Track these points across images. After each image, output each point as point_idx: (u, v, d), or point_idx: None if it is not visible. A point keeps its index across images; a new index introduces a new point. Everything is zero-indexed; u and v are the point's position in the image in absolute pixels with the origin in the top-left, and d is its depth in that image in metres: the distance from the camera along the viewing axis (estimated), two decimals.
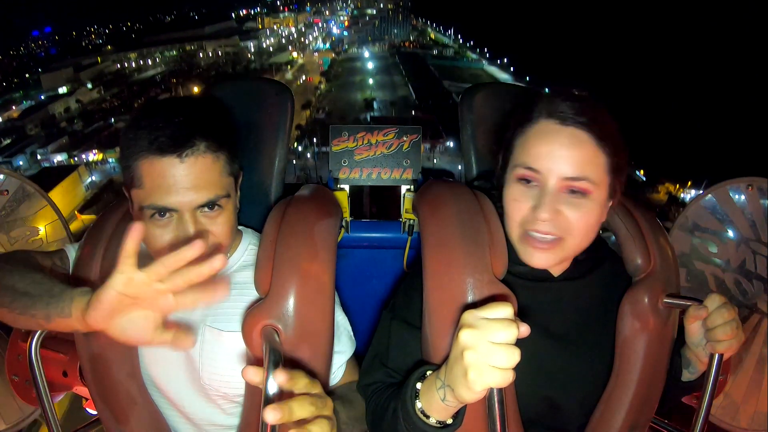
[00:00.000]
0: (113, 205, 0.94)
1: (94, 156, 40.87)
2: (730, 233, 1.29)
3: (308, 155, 41.49)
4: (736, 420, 1.26)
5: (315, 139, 42.18)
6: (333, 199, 0.97)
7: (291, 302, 0.75)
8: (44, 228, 1.31)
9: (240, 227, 0.94)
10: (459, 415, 0.65)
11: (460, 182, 0.92)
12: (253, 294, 0.82)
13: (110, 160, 40.45)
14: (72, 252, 0.90)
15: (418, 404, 0.65)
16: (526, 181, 0.76)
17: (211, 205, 0.76)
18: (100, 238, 0.87)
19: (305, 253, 0.78)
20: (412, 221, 1.17)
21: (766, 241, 1.26)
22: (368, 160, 1.21)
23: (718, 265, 1.31)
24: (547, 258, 0.78)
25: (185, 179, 0.72)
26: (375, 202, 1.65)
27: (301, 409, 0.56)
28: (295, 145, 41.58)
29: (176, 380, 0.86)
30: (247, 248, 0.92)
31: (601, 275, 0.87)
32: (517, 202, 0.77)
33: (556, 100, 0.76)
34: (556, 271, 0.84)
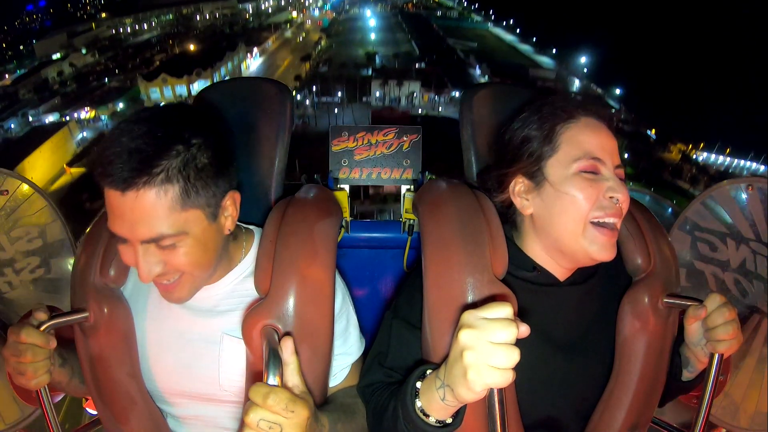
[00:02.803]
0: None
1: (86, 114, 39.76)
2: (730, 233, 1.29)
3: (307, 103, 41.08)
4: (736, 420, 1.26)
5: (315, 88, 41.81)
6: (333, 199, 0.97)
7: (291, 302, 0.75)
8: (44, 228, 1.31)
9: (252, 227, 0.93)
10: (459, 414, 0.65)
11: (460, 182, 0.92)
12: None
13: (102, 117, 39.60)
14: None
15: (418, 403, 0.65)
16: (589, 172, 0.78)
17: (158, 240, 0.71)
18: (99, 241, 0.87)
19: (305, 253, 0.78)
20: (412, 221, 1.17)
21: (766, 241, 1.26)
22: (368, 160, 1.21)
23: (718, 265, 1.31)
24: (613, 248, 0.79)
25: (129, 213, 0.69)
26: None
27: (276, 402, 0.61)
28: (294, 93, 40.93)
29: (195, 386, 0.86)
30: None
31: (602, 277, 0.87)
32: (586, 191, 0.77)
33: (584, 100, 0.81)
34: (562, 276, 0.84)
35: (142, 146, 0.67)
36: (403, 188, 1.21)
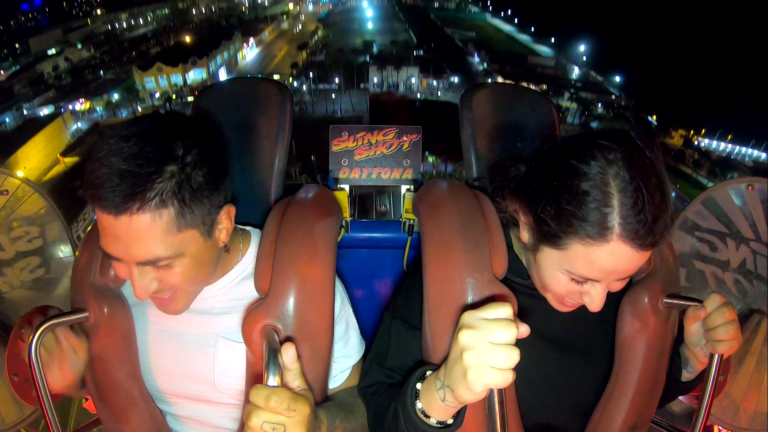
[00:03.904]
0: None
1: (81, 105, 39.50)
2: (730, 233, 1.29)
3: (304, 89, 41.15)
4: (736, 420, 1.26)
5: (312, 74, 41.82)
6: (333, 199, 0.97)
7: (291, 302, 0.75)
8: (44, 228, 1.31)
9: (248, 228, 0.93)
10: (459, 415, 0.65)
11: (460, 182, 0.92)
12: None
13: (98, 108, 39.41)
14: None
15: (419, 405, 0.65)
16: (577, 282, 0.71)
17: (154, 263, 0.70)
18: (99, 241, 0.86)
19: (305, 253, 0.78)
20: (412, 221, 1.17)
21: (766, 241, 1.26)
22: (368, 160, 1.21)
23: (718, 265, 1.31)
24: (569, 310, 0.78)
25: (123, 236, 0.67)
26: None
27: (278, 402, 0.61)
28: (291, 80, 41.21)
29: (191, 388, 0.87)
30: (254, 256, 0.87)
31: None
32: (561, 285, 0.73)
33: (639, 222, 0.62)
34: None
35: (133, 168, 0.64)
36: (403, 188, 1.21)
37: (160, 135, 0.68)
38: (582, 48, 55.85)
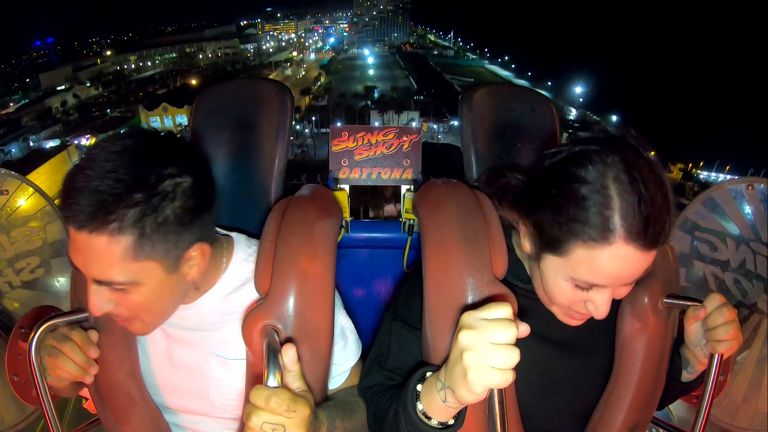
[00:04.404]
0: None
1: (87, 141, 39.63)
2: (730, 233, 1.29)
3: (306, 132, 42.28)
4: (736, 420, 1.26)
5: (314, 118, 42.79)
6: (333, 199, 0.97)
7: (291, 302, 0.75)
8: (44, 228, 1.31)
9: (232, 234, 0.89)
10: (460, 415, 0.65)
11: (460, 182, 0.92)
12: None
13: None
14: None
15: (419, 406, 0.65)
16: (582, 288, 0.70)
17: (108, 284, 0.69)
18: None
19: (305, 253, 0.78)
20: (412, 221, 1.17)
21: (766, 241, 1.26)
22: (368, 160, 1.21)
23: (718, 265, 1.31)
24: (582, 321, 0.76)
25: (83, 250, 0.66)
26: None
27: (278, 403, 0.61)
28: (293, 123, 41.59)
29: (188, 404, 0.87)
30: (239, 266, 0.85)
31: None
32: (564, 295, 0.72)
33: (641, 222, 0.62)
34: None
35: (102, 188, 0.62)
36: (403, 188, 1.21)
37: (141, 157, 0.65)
38: (578, 90, 57.45)
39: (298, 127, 42.51)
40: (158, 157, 0.67)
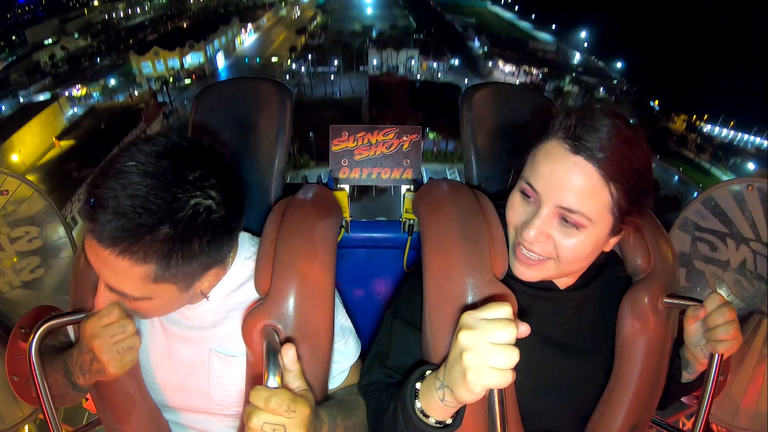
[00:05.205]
0: None
1: (77, 91, 38.75)
2: (730, 233, 1.29)
3: (302, 71, 40.75)
4: (736, 420, 1.26)
5: (310, 56, 41.37)
6: (333, 199, 0.97)
7: (291, 302, 0.75)
8: (44, 228, 1.31)
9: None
10: (458, 415, 0.65)
11: (460, 182, 0.92)
12: None
13: (94, 94, 38.97)
14: None
15: (418, 404, 0.65)
16: (526, 195, 0.75)
17: (122, 295, 0.69)
18: None
19: (305, 253, 0.78)
20: (412, 221, 1.17)
21: (766, 241, 1.26)
22: (368, 160, 1.21)
23: (718, 265, 1.31)
24: (530, 274, 0.77)
25: (101, 260, 0.64)
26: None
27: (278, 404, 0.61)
28: (289, 62, 41.07)
29: (189, 401, 0.87)
30: (242, 264, 0.85)
31: (603, 280, 0.86)
32: (514, 210, 0.77)
33: (576, 121, 0.69)
34: (561, 285, 0.84)
35: (130, 214, 0.59)
36: (403, 188, 1.21)
37: (177, 184, 0.62)
38: (583, 34, 55.53)
39: (294, 66, 40.96)
40: (195, 185, 0.63)
